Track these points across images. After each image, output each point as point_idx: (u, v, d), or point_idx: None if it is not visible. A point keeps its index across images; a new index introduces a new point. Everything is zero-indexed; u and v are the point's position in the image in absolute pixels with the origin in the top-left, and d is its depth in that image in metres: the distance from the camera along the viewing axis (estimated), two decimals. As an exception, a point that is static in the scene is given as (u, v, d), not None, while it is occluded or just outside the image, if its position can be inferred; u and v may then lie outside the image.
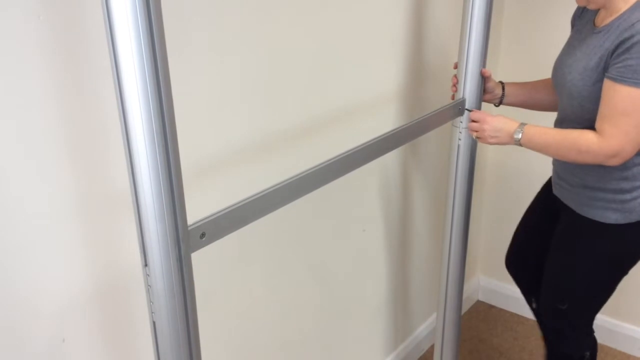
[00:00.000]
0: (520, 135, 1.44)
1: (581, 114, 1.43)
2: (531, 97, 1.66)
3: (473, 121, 1.52)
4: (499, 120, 1.47)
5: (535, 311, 1.93)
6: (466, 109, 1.53)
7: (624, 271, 1.57)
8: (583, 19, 1.51)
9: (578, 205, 1.53)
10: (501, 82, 1.65)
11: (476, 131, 1.51)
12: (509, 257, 1.92)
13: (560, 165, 1.59)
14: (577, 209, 1.53)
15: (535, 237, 1.76)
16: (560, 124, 1.54)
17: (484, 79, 1.55)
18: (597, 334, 1.71)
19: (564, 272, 1.62)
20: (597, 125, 1.35)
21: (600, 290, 1.60)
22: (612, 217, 1.47)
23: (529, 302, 1.94)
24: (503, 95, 1.65)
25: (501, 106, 1.69)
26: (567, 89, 1.45)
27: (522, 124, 1.45)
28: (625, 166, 1.40)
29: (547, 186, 1.72)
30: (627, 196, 1.43)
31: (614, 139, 1.32)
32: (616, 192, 1.44)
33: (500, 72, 2.25)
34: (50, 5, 0.89)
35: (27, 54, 0.88)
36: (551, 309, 1.68)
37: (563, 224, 1.62)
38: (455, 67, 1.55)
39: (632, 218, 1.45)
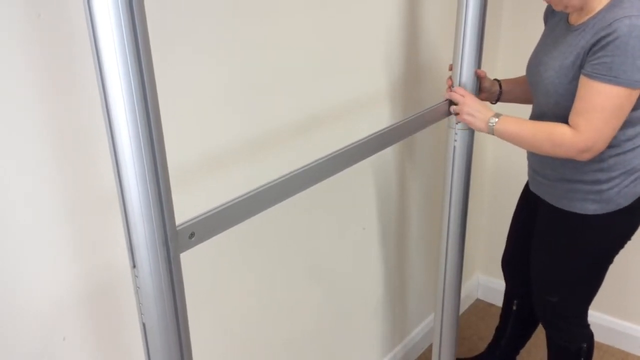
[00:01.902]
0: (494, 122, 1.44)
1: (557, 111, 1.44)
2: (527, 91, 1.65)
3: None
4: (480, 104, 1.47)
5: (515, 313, 1.95)
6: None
7: (608, 260, 1.58)
8: (555, 17, 1.52)
9: (556, 198, 1.54)
10: (497, 80, 1.65)
11: (456, 104, 1.49)
12: (504, 257, 1.93)
13: (537, 160, 1.59)
14: (555, 202, 1.55)
15: (525, 236, 1.76)
16: (536, 120, 1.54)
17: (479, 79, 1.54)
18: (596, 333, 1.71)
19: (549, 266, 1.63)
20: (571, 119, 1.37)
21: (587, 281, 1.61)
22: (590, 207, 1.49)
23: (510, 305, 1.95)
24: (500, 92, 1.65)
25: (498, 103, 1.68)
26: (544, 87, 1.46)
27: (499, 114, 1.46)
28: (601, 158, 1.42)
29: (527, 183, 1.73)
30: (604, 186, 1.46)
31: (587, 134, 1.34)
32: (593, 183, 1.46)
33: (499, 68, 2.24)
34: (50, 3, 0.89)
35: (18, 53, 0.88)
36: (542, 303, 1.69)
37: (542, 219, 1.63)
38: (451, 69, 1.54)
39: (609, 208, 1.48)
